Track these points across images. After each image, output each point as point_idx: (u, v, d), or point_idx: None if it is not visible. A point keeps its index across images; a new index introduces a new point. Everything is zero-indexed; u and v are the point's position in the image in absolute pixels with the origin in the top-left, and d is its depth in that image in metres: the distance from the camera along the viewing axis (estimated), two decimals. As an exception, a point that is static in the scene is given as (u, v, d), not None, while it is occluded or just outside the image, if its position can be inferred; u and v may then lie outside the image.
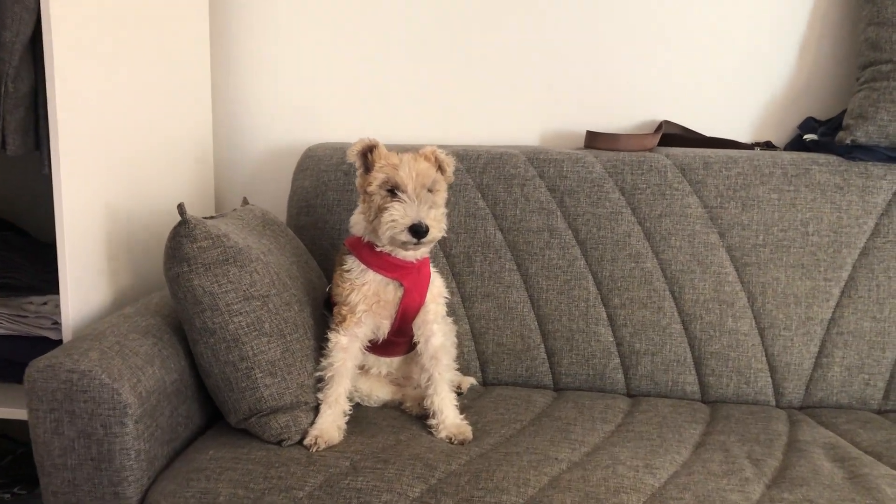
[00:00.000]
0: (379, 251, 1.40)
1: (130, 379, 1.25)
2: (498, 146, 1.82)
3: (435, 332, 1.45)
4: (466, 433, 1.38)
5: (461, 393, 1.60)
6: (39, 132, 1.40)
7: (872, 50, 1.65)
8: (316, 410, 1.39)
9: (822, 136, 1.74)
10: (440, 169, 1.41)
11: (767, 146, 1.82)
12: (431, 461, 1.28)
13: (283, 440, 1.35)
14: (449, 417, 1.41)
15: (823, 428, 1.50)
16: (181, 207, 1.32)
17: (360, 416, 1.45)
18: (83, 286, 1.46)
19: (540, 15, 1.88)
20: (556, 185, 1.71)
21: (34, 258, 1.74)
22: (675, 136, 1.83)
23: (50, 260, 1.43)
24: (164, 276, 1.35)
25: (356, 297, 1.40)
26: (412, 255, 1.41)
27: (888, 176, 1.63)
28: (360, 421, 1.43)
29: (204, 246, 1.31)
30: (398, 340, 1.49)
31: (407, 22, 1.93)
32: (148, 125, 1.67)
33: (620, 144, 1.76)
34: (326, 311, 1.50)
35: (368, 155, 1.39)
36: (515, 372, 1.71)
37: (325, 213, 1.78)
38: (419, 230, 1.31)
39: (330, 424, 1.36)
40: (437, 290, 1.47)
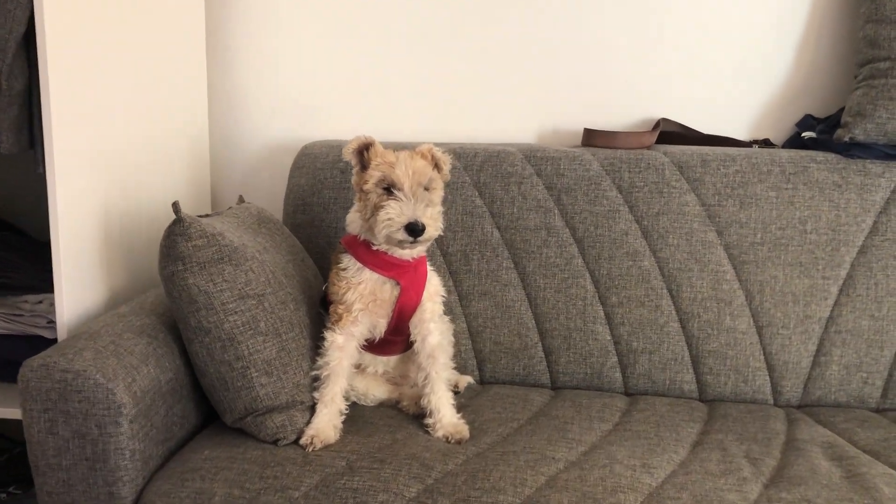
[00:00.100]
0: (375, 250, 1.40)
1: (125, 378, 1.24)
2: (495, 144, 1.81)
3: (432, 330, 1.44)
4: (463, 432, 1.38)
5: (458, 392, 1.59)
6: (33, 130, 1.39)
7: (871, 47, 1.64)
8: (312, 410, 1.39)
9: (820, 133, 1.73)
10: (437, 167, 1.40)
11: (765, 144, 1.81)
12: (428, 461, 1.28)
13: (278, 440, 1.34)
14: (446, 416, 1.40)
15: (821, 427, 1.49)
16: (176, 206, 1.31)
17: (356, 415, 1.45)
18: (78, 285, 1.45)
19: (538, 12, 1.87)
20: (553, 183, 1.70)
21: (31, 257, 1.73)
22: (672, 133, 1.82)
23: (47, 259, 1.42)
24: (158, 274, 1.35)
25: (352, 295, 1.39)
26: (409, 253, 1.40)
27: (886, 174, 1.63)
28: (356, 420, 1.43)
29: (199, 244, 1.31)
30: (395, 339, 1.48)
31: (404, 20, 1.92)
32: (143, 122, 1.66)
33: (618, 142, 1.76)
34: (322, 309, 1.49)
35: (364, 153, 1.39)
36: (513, 370, 1.70)
37: (321, 210, 1.77)
38: (415, 229, 1.30)
39: (326, 424, 1.36)
40: (433, 288, 1.47)
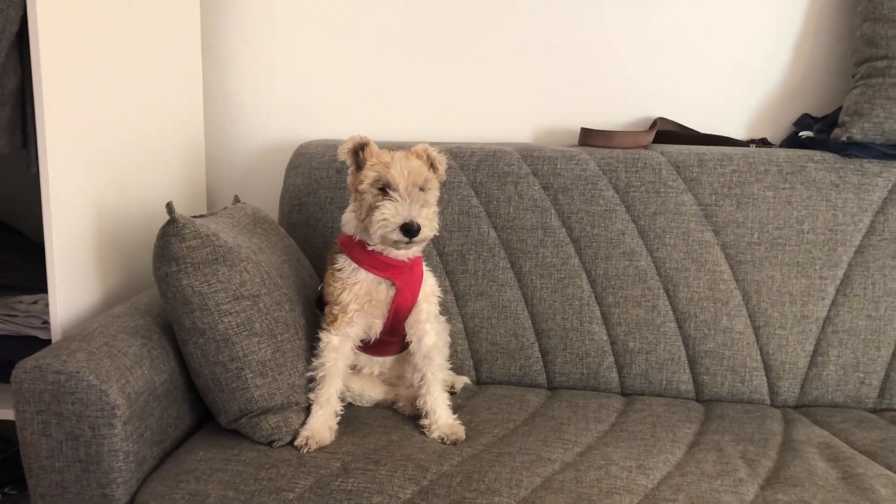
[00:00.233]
0: (371, 250, 1.39)
1: (119, 380, 1.23)
2: (491, 143, 1.81)
3: (427, 331, 1.44)
4: (459, 433, 1.37)
5: (454, 392, 1.59)
6: (27, 130, 1.38)
7: (868, 46, 1.64)
8: (307, 411, 1.38)
9: (817, 132, 1.73)
10: (432, 167, 1.40)
11: (763, 143, 1.81)
12: (423, 462, 1.27)
13: (273, 441, 1.34)
14: (442, 417, 1.40)
15: (818, 427, 1.49)
16: (170, 206, 1.30)
17: (352, 416, 1.44)
18: (72, 285, 1.44)
19: (534, 11, 1.87)
20: (549, 182, 1.70)
21: (27, 258, 1.72)
22: (670, 133, 1.81)
23: (43, 259, 1.41)
24: (153, 275, 1.34)
25: (348, 296, 1.39)
26: (404, 254, 1.40)
27: (884, 173, 1.62)
28: (351, 421, 1.42)
29: (193, 245, 1.30)
30: (391, 340, 1.48)
31: (401, 18, 1.91)
32: (138, 122, 1.65)
33: (615, 141, 1.75)
34: (318, 310, 1.48)
35: (360, 153, 1.38)
36: (509, 371, 1.70)
37: (317, 210, 1.77)
38: (410, 229, 1.30)
39: (321, 425, 1.35)
40: (429, 288, 1.46)
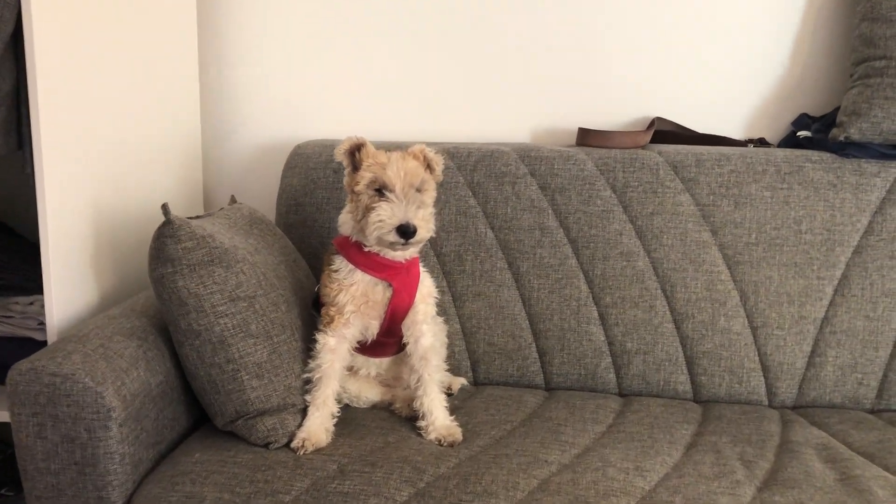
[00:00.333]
0: (367, 251, 1.39)
1: (115, 382, 1.23)
2: (489, 143, 1.80)
3: (424, 332, 1.43)
4: (456, 435, 1.37)
5: (452, 394, 1.58)
6: (22, 131, 1.38)
7: (866, 46, 1.63)
8: (303, 413, 1.38)
9: (815, 132, 1.73)
10: (429, 168, 1.39)
11: (761, 143, 1.80)
12: (420, 464, 1.27)
13: (269, 443, 1.33)
14: (438, 419, 1.39)
15: (816, 428, 1.49)
16: (165, 207, 1.30)
17: (348, 417, 1.44)
18: (68, 286, 1.44)
19: (532, 10, 1.86)
20: (547, 182, 1.69)
21: (25, 259, 1.71)
22: (667, 132, 1.81)
23: (40, 260, 1.41)
24: (148, 276, 1.34)
25: (344, 297, 1.39)
26: (400, 255, 1.39)
27: (882, 173, 1.62)
28: (348, 423, 1.42)
29: (189, 247, 1.29)
30: (387, 341, 1.47)
31: (397, 18, 1.91)
32: (134, 122, 1.64)
33: (612, 141, 1.75)
34: (315, 311, 1.48)
35: (356, 154, 1.38)
36: (507, 372, 1.69)
37: (314, 211, 1.76)
38: (407, 231, 1.29)
39: (317, 427, 1.35)
40: (426, 289, 1.46)
